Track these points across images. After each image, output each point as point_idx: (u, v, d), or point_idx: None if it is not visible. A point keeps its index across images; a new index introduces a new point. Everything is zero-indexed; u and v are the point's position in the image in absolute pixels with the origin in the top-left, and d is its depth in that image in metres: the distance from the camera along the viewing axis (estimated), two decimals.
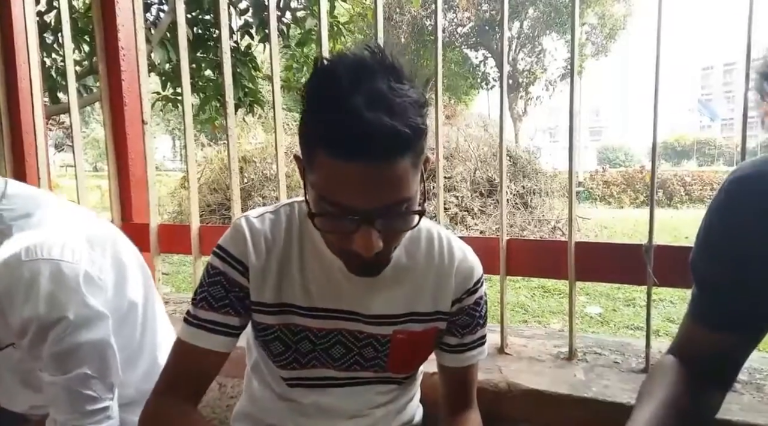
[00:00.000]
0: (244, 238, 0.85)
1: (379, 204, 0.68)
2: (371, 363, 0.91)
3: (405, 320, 0.90)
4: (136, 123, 1.75)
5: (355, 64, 0.67)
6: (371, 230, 0.69)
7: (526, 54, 21.90)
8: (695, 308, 0.80)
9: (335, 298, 0.87)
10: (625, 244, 1.30)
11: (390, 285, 0.88)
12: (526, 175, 9.18)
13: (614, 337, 2.15)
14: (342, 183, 0.67)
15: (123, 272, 1.04)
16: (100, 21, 1.80)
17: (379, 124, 0.63)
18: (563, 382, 1.16)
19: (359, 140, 0.64)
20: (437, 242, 0.91)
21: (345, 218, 0.70)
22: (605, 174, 15.73)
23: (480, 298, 0.95)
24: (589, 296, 4.63)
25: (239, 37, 6.06)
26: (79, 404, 0.90)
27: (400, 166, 0.67)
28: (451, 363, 0.98)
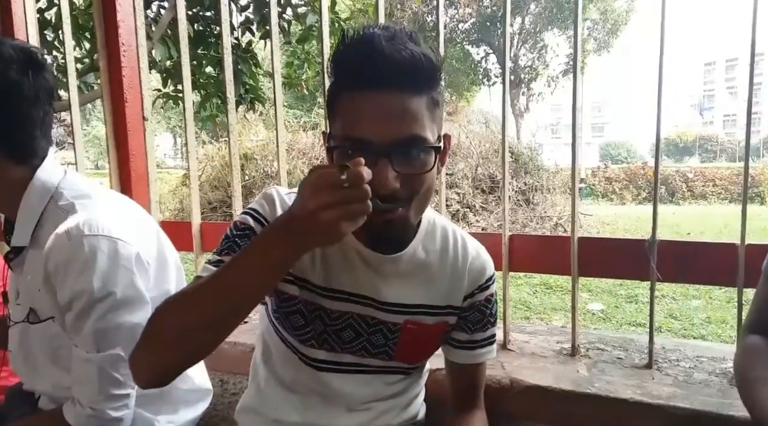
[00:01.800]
0: (274, 204, 0.86)
1: (394, 136, 0.70)
2: (379, 350, 0.92)
3: (417, 311, 0.91)
4: (137, 120, 1.74)
5: (377, 26, 0.73)
6: (387, 165, 0.70)
7: (527, 50, 21.85)
8: None
9: (351, 282, 0.89)
10: (628, 239, 1.29)
11: (405, 276, 0.90)
12: (527, 171, 9.17)
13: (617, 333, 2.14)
14: (360, 115, 0.71)
15: (164, 264, 1.07)
16: (101, 18, 1.79)
17: (396, 53, 0.69)
18: (566, 378, 1.16)
19: (377, 67, 0.69)
20: (452, 239, 0.94)
21: (361, 154, 0.68)
22: (607, 170, 15.71)
23: (491, 295, 0.97)
24: (591, 293, 4.63)
25: (240, 33, 6.05)
26: (105, 386, 0.92)
27: (414, 101, 0.71)
28: (460, 359, 0.98)
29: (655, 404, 1.05)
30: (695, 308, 4.10)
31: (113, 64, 1.78)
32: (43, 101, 0.95)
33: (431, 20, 19.54)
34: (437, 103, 0.75)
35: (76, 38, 4.88)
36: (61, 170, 1.02)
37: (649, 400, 1.06)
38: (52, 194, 0.98)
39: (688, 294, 4.40)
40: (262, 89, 6.03)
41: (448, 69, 20.24)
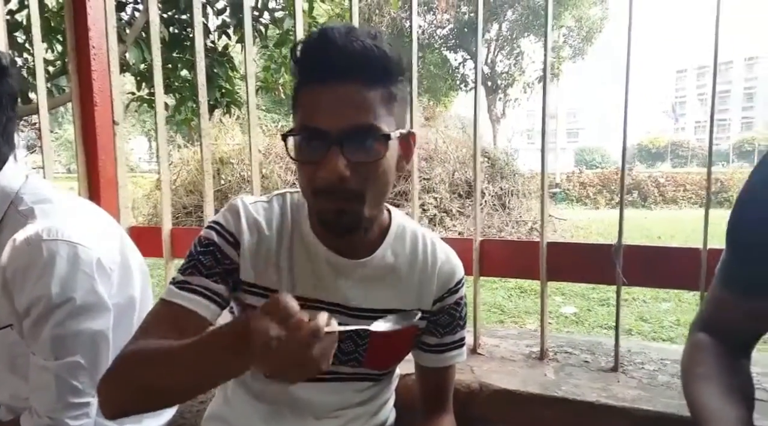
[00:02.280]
0: (238, 216, 0.87)
1: (345, 124, 0.72)
2: (349, 357, 0.92)
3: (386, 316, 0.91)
4: (107, 124, 1.72)
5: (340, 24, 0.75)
6: (337, 153, 0.72)
7: (504, 56, 22.11)
8: (727, 273, 0.81)
9: (319, 290, 0.88)
10: (595, 244, 1.32)
11: (374, 280, 0.90)
12: (504, 176, 9.26)
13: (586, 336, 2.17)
14: (313, 106, 0.73)
15: (128, 270, 1.06)
16: (72, 20, 1.77)
17: (349, 45, 0.71)
18: (534, 382, 1.18)
19: (330, 58, 0.71)
20: (422, 243, 0.94)
21: (315, 143, 0.73)
22: (581, 175, 15.97)
23: (461, 299, 0.97)
24: (565, 296, 4.69)
25: (216, 37, 6.01)
26: (64, 394, 0.90)
27: (367, 92, 0.73)
28: (430, 363, 0.99)
29: (620, 406, 1.07)
30: (665, 311, 4.19)
31: (83, 68, 1.76)
32: (5, 107, 0.94)
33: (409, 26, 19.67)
34: (394, 98, 0.76)
35: (48, 40, 4.78)
36: (23, 175, 1.00)
37: (613, 402, 1.08)
38: (12, 199, 0.97)
39: (659, 297, 4.50)
40: (238, 93, 5.99)
41: (426, 74, 20.35)
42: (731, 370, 0.76)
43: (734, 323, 0.79)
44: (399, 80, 0.77)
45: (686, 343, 0.84)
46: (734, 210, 0.79)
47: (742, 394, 0.73)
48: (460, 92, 23.44)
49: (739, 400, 0.71)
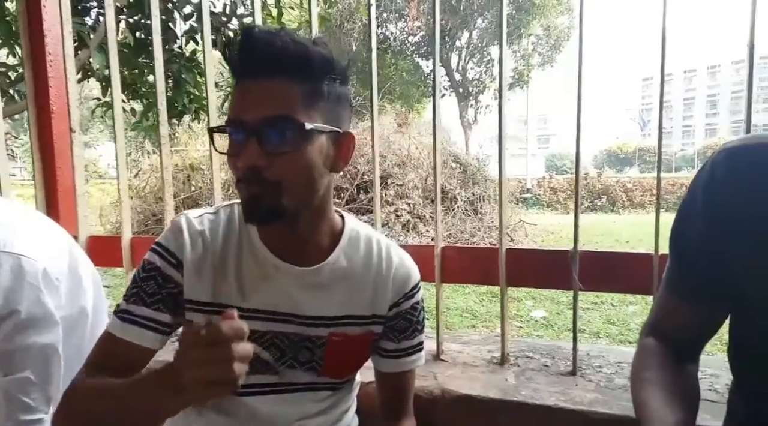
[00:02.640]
0: (181, 233, 0.85)
1: (261, 115, 0.74)
2: (306, 366, 0.91)
3: (341, 323, 0.90)
4: (64, 132, 1.68)
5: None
6: (253, 142, 0.74)
7: (475, 64, 22.37)
8: (671, 279, 0.82)
9: (271, 300, 0.87)
10: (553, 250, 1.34)
11: (327, 287, 0.89)
12: (475, 182, 9.35)
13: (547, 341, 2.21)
14: (237, 100, 0.76)
15: (77, 280, 1.04)
16: (26, 26, 1.73)
17: (270, 42, 0.73)
18: (494, 387, 1.19)
19: (250, 55, 0.74)
20: (376, 247, 0.93)
21: (236, 135, 0.76)
22: (552, 181, 16.21)
23: (417, 303, 0.97)
24: (535, 300, 4.75)
25: (184, 42, 5.94)
26: (14, 412, 0.88)
27: (287, 86, 0.74)
28: (388, 368, 0.98)
29: (577, 410, 1.09)
30: (632, 313, 4.27)
31: (39, 74, 1.72)
32: None
33: (381, 32, 19.77)
34: (321, 94, 0.77)
35: (8, 45, 4.67)
36: None
37: (571, 406, 1.10)
38: None
39: (626, 300, 4.58)
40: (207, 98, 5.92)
41: (399, 81, 20.45)
42: (676, 374, 0.78)
43: (680, 328, 0.81)
44: (330, 79, 0.78)
45: (636, 347, 0.86)
46: (677, 217, 0.81)
47: (685, 398, 0.75)
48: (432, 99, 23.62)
49: (682, 404, 0.73)
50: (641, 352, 0.83)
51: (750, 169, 0.71)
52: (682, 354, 0.81)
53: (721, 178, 0.73)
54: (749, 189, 0.70)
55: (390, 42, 20.43)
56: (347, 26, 18.53)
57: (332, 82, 0.79)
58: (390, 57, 20.24)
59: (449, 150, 9.35)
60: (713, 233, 0.74)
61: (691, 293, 0.79)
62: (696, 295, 0.78)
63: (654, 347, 0.82)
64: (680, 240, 0.81)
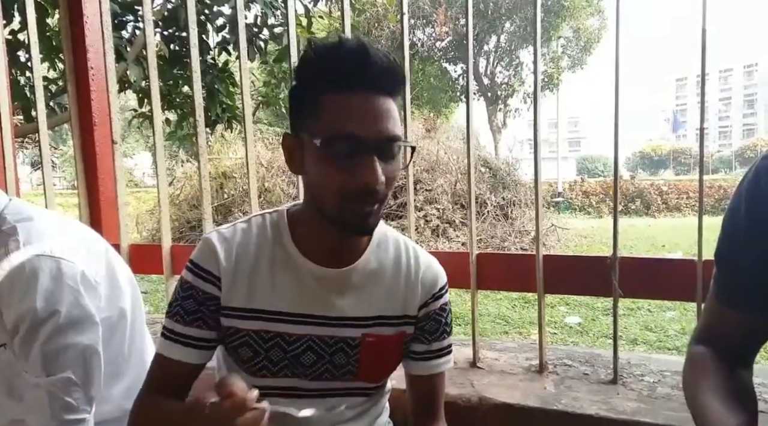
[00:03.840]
0: (213, 249, 0.87)
1: (380, 134, 0.76)
2: (342, 371, 0.92)
3: (374, 323, 0.91)
4: (106, 142, 1.74)
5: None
6: (376, 161, 0.76)
7: (503, 67, 22.22)
8: (720, 291, 0.81)
9: (306, 303, 0.89)
10: (591, 257, 1.32)
11: (360, 288, 0.90)
12: (506, 186, 9.25)
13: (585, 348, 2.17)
14: (349, 113, 0.75)
15: (115, 283, 1.06)
16: (69, 41, 1.80)
17: (379, 58, 0.75)
18: (534, 395, 1.17)
19: (363, 70, 0.74)
20: (404, 249, 0.95)
21: (350, 150, 0.75)
22: (584, 184, 15.93)
23: (445, 304, 0.97)
24: (569, 306, 4.67)
25: (216, 53, 6.07)
26: (58, 411, 0.90)
27: (392, 103, 0.77)
28: (419, 371, 0.99)
29: (620, 419, 1.06)
30: (670, 320, 4.16)
31: (82, 87, 1.78)
32: None
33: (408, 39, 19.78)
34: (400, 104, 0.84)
35: (50, 59, 4.84)
36: (6, 197, 1.01)
37: (613, 415, 1.07)
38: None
39: (663, 306, 4.47)
40: (240, 108, 6.04)
41: (427, 86, 20.45)
42: (732, 380, 0.76)
43: (730, 336, 0.79)
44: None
45: (686, 356, 0.84)
46: (721, 227, 0.80)
47: (745, 403, 0.73)
48: (460, 103, 23.51)
49: (741, 410, 0.71)
50: (693, 360, 0.82)
51: None
52: (735, 361, 0.79)
53: (766, 186, 0.72)
54: None
55: (417, 48, 20.45)
56: (375, 33, 18.64)
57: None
58: (417, 63, 20.25)
59: (478, 154, 9.29)
60: (757, 242, 0.73)
61: (738, 302, 0.77)
62: (743, 304, 0.77)
63: (706, 355, 0.80)
64: (724, 249, 0.79)
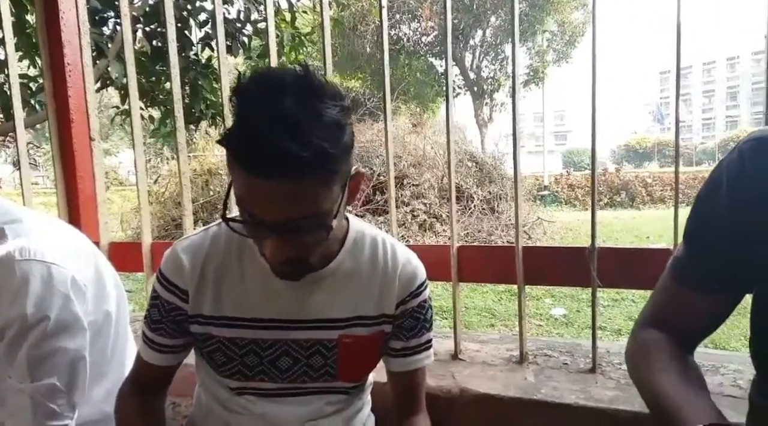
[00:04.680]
0: (178, 260, 0.88)
1: (283, 217, 0.71)
2: (320, 372, 0.92)
3: (350, 324, 0.91)
4: (84, 140, 1.72)
5: (268, 81, 0.69)
6: (277, 240, 0.73)
7: (489, 62, 22.25)
8: (684, 271, 0.80)
9: (278, 308, 0.89)
10: (570, 247, 1.33)
11: (334, 289, 0.90)
12: (492, 180, 9.30)
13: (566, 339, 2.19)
14: (250, 193, 0.70)
15: (102, 286, 1.06)
16: (45, 37, 1.77)
17: (276, 145, 0.65)
18: (514, 386, 1.18)
19: (257, 160, 0.66)
20: (381, 247, 0.94)
21: (255, 226, 0.73)
22: (569, 177, 16.05)
23: (424, 301, 0.96)
24: (555, 298, 4.71)
25: (200, 49, 6.01)
26: (41, 418, 0.90)
27: (304, 185, 0.68)
28: (398, 367, 0.99)
29: (598, 408, 1.08)
30: None
31: (58, 84, 1.76)
32: None
33: (395, 34, 19.75)
34: (334, 170, 0.71)
35: (30, 56, 4.77)
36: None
37: (591, 404, 1.09)
38: None
39: (646, 296, 4.50)
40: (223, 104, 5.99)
41: (413, 81, 20.43)
42: (686, 363, 0.77)
43: (690, 319, 0.79)
44: (344, 139, 0.72)
45: (631, 338, 0.84)
46: (695, 207, 0.79)
47: (702, 384, 0.74)
48: None
49: (702, 390, 0.72)
50: (644, 343, 0.81)
51: None
52: (686, 344, 0.80)
53: (750, 167, 0.71)
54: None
55: (404, 43, 20.41)
56: (360, 29, 18.58)
57: (345, 138, 0.72)
58: (404, 58, 20.22)
59: (465, 149, 9.31)
60: (738, 225, 0.72)
61: (708, 285, 0.77)
62: (713, 286, 0.77)
63: (659, 337, 0.80)
64: (700, 231, 0.78)
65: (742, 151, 0.72)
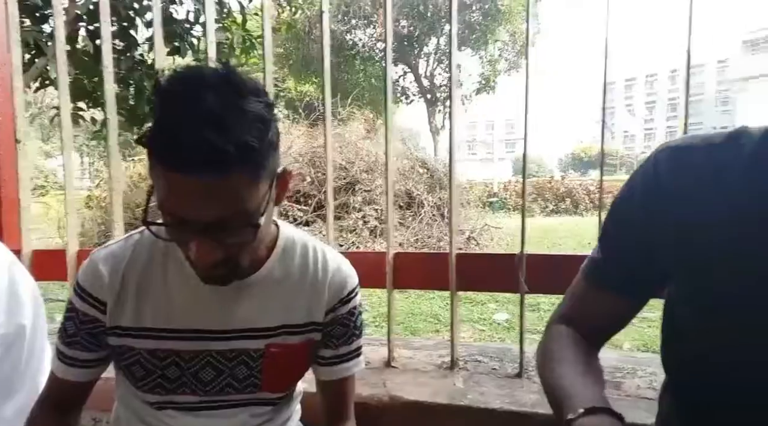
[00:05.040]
0: (97, 271, 0.85)
1: (210, 217, 0.69)
2: (245, 383, 0.90)
3: (279, 333, 0.90)
4: (9, 142, 1.64)
5: (188, 78, 0.68)
6: (204, 241, 0.71)
7: (443, 70, 22.57)
8: (597, 272, 0.82)
9: (203, 318, 0.86)
10: (501, 254, 1.37)
11: (262, 297, 0.88)
12: (443, 187, 9.42)
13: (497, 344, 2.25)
14: (173, 193, 0.68)
15: (16, 297, 1.01)
16: None
17: (198, 139, 0.64)
18: (443, 392, 1.20)
19: (180, 156, 0.65)
20: (312, 254, 0.93)
21: (177, 227, 0.71)
22: (518, 184, 16.44)
23: (354, 308, 0.96)
24: (499, 303, 4.81)
25: (147, 49, 5.86)
26: None
27: (229, 181, 0.67)
28: (327, 376, 0.98)
29: (521, 412, 1.11)
30: None
31: None
32: None
33: (350, 39, 19.80)
34: (261, 165, 0.70)
35: None
36: None
37: (515, 408, 1.12)
38: None
39: None
40: None
41: (368, 87, 20.50)
42: (588, 355, 0.80)
43: (598, 318, 0.82)
44: (269, 134, 0.71)
45: (544, 333, 0.86)
46: (611, 211, 0.82)
47: (597, 375, 0.77)
48: (401, 104, 23.74)
49: (596, 380, 0.75)
50: (554, 336, 0.84)
51: (694, 168, 0.71)
52: (593, 341, 0.83)
53: (664, 175, 0.73)
54: (691, 188, 0.71)
55: (359, 48, 20.46)
56: (315, 33, 18.52)
57: (270, 134, 0.71)
58: (359, 63, 20.27)
59: (416, 155, 9.39)
60: (650, 233, 0.75)
61: (618, 285, 0.80)
62: (622, 287, 0.80)
63: (568, 332, 0.83)
64: (614, 235, 0.81)
65: (656, 162, 0.75)
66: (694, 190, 0.71)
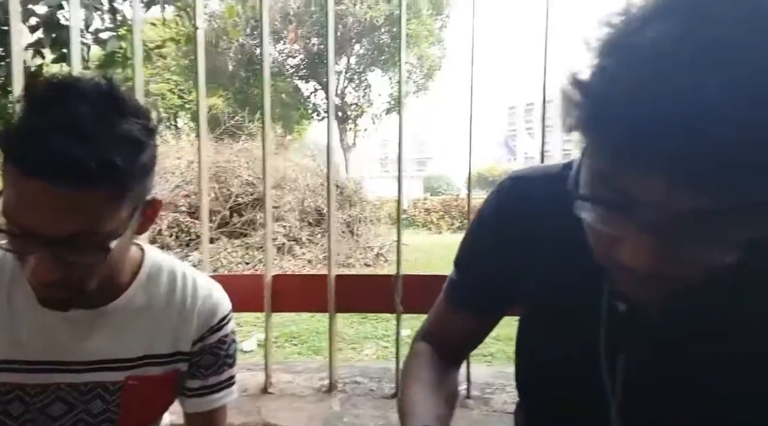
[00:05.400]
0: None
1: (57, 231, 0.64)
2: (100, 419, 0.83)
3: (140, 364, 0.84)
4: None
5: (64, 87, 0.65)
6: (45, 258, 0.65)
7: (353, 88, 22.83)
8: (456, 294, 0.85)
9: (52, 349, 0.79)
10: (379, 275, 1.38)
11: (122, 327, 0.83)
12: (352, 204, 9.47)
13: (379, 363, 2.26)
14: (21, 198, 0.64)
15: None
16: None
17: (62, 149, 0.60)
18: (319, 417, 1.19)
19: (33, 157, 0.61)
20: (180, 281, 0.88)
21: (22, 239, 0.66)
22: (426, 202, 16.87)
23: (225, 336, 0.92)
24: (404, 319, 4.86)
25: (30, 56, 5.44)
26: None
27: (86, 197, 0.63)
28: (195, 408, 0.92)
29: None
30: None
31: None
32: None
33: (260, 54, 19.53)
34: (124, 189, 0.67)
35: None
36: None
37: None
38: None
39: None
40: None
41: (278, 103, 20.28)
42: (442, 374, 0.83)
43: (455, 336, 0.86)
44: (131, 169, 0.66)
45: (410, 351, 0.89)
46: (465, 237, 0.85)
47: (448, 396, 0.79)
48: (312, 121, 23.69)
49: (443, 399, 0.77)
50: (413, 354, 0.87)
51: (532, 198, 0.76)
52: (450, 359, 0.86)
53: (507, 204, 0.78)
54: (530, 217, 0.75)
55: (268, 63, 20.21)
56: (223, 45, 18.10)
57: (143, 158, 0.68)
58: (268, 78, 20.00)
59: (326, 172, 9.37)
60: (502, 258, 0.78)
61: (469, 305, 0.84)
62: (474, 307, 0.83)
63: (428, 350, 0.86)
64: (469, 259, 0.84)
65: (500, 190, 0.80)
66: (533, 218, 0.75)
